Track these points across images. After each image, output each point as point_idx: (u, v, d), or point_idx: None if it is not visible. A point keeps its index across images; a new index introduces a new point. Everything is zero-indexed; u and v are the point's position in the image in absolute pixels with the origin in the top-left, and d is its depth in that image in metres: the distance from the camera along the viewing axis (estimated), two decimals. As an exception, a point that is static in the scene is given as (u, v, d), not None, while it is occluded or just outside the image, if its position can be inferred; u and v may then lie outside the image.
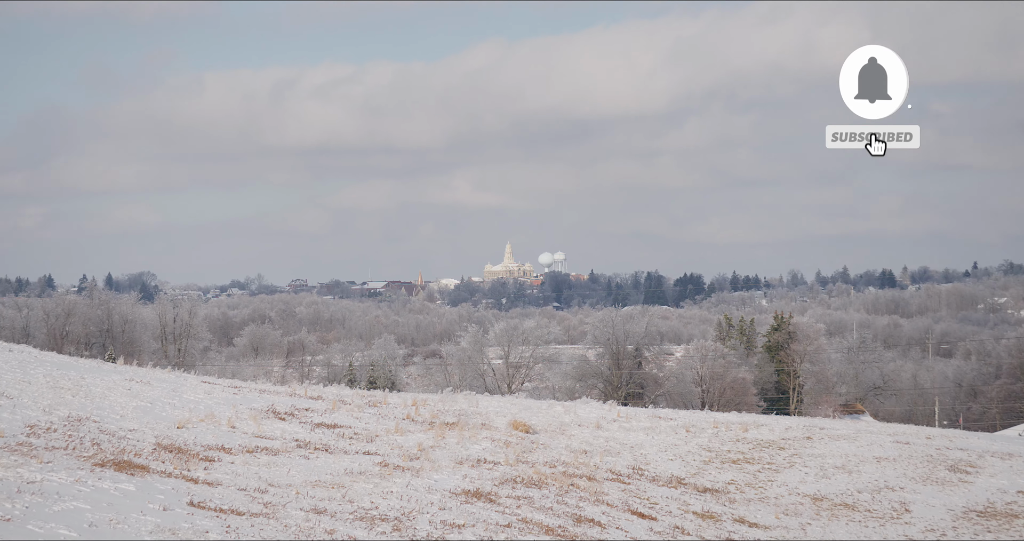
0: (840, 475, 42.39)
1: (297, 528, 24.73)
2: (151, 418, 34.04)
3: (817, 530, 35.69)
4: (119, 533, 21.91)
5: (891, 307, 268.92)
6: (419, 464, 33.90)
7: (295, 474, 30.07)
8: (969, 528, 37.49)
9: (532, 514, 30.07)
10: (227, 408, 37.73)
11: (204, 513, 24.42)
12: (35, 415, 31.28)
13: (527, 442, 40.84)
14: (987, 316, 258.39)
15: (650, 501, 35.39)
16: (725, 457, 43.68)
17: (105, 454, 28.19)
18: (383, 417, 41.66)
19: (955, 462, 45.49)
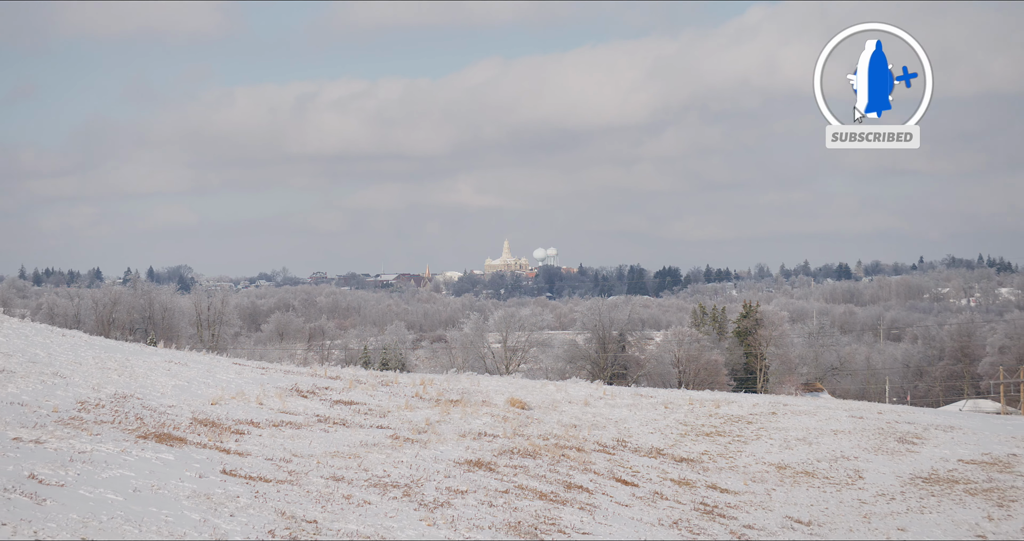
0: (801, 446, 42.50)
1: (318, 493, 24.87)
2: (188, 395, 34.15)
3: (781, 495, 35.81)
4: (160, 497, 22.04)
5: (847, 297, 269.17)
6: (426, 437, 34.01)
7: (316, 445, 30.19)
8: (915, 492, 37.61)
9: (527, 481, 30.19)
10: (255, 387, 37.84)
11: (235, 480, 24.55)
12: (85, 392, 31.39)
13: (523, 417, 40.94)
14: (932, 305, 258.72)
15: (632, 470, 35.50)
16: (699, 430, 43.78)
17: (147, 427, 28.31)
18: (394, 395, 41.76)
19: (903, 434, 45.59)
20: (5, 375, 31.53)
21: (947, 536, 33.17)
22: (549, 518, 26.80)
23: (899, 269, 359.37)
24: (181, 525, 20.62)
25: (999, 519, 35.55)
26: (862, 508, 35.35)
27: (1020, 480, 40.11)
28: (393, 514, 24.31)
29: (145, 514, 20.82)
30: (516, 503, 27.43)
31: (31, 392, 30.06)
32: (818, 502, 35.44)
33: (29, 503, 20.14)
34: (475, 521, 25.05)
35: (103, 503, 20.96)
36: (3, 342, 36.74)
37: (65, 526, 19.39)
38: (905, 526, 33.79)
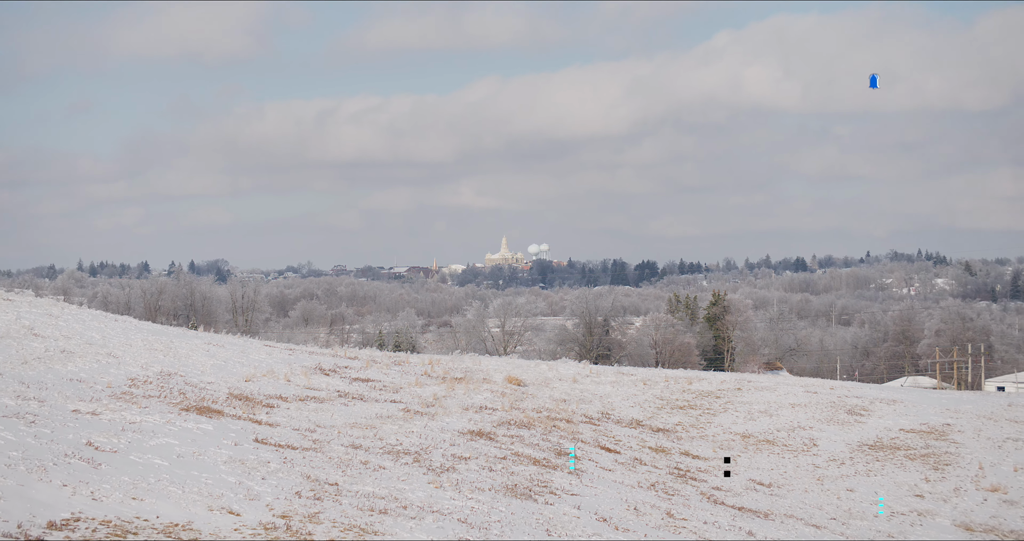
0: (763, 418, 42.57)
1: (339, 459, 24.90)
2: (224, 373, 34.17)
3: (745, 460, 35.88)
4: (200, 462, 22.08)
5: (803, 286, 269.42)
6: (434, 410, 34.05)
7: (337, 417, 30.23)
8: (862, 457, 37.69)
9: (523, 449, 30.23)
10: (284, 366, 37.86)
11: (266, 447, 24.59)
12: (135, 370, 31.43)
13: (519, 393, 40.97)
14: (877, 293, 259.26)
15: (615, 439, 35.55)
16: (674, 404, 43.83)
17: (189, 401, 28.34)
18: (406, 373, 41.79)
19: (852, 407, 45.65)
20: (65, 355, 31.57)
21: (890, 495, 33.24)
22: (542, 481, 26.84)
23: (848, 262, 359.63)
24: (219, 487, 20.67)
25: (935, 480, 35.65)
26: (816, 472, 35.43)
27: (953, 447, 40.19)
28: (405, 478, 24.36)
29: (187, 477, 20.87)
30: (513, 468, 27.47)
31: (88, 370, 30.11)
32: (777, 467, 35.51)
33: (87, 467, 20.19)
34: (477, 484, 25.10)
35: (151, 467, 21.01)
36: (63, 326, 36.76)
37: (118, 487, 19.43)
38: (853, 487, 33.87)
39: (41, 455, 20.31)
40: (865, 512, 31.14)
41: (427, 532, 20.57)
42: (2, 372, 27.75)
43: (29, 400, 24.80)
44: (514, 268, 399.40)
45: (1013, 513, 32.98)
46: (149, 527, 18.01)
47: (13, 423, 22.17)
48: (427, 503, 22.53)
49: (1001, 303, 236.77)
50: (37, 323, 36.38)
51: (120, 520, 18.03)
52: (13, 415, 22.89)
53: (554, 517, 23.43)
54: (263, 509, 19.98)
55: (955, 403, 49.77)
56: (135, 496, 19.23)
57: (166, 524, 18.31)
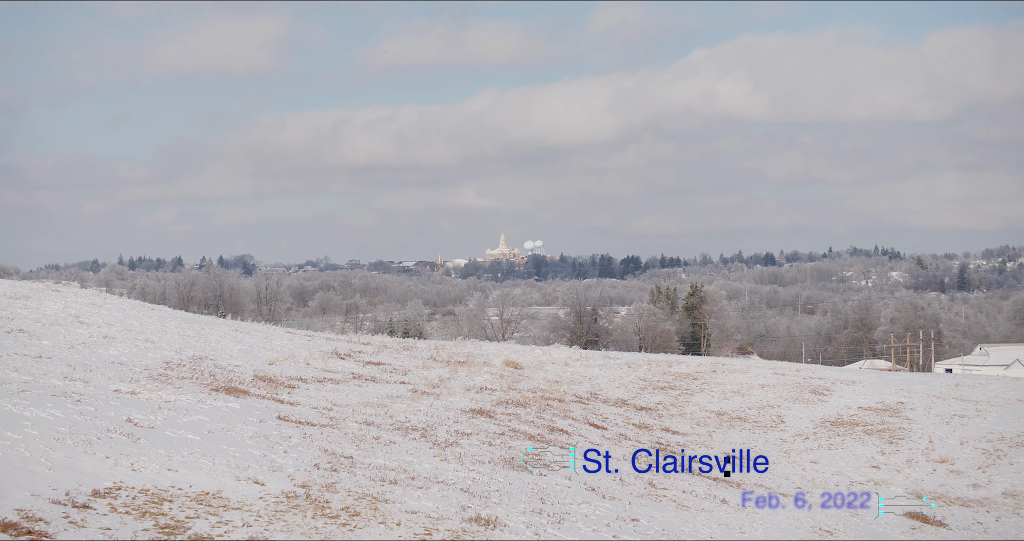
0: (736, 397, 42.64)
1: (353, 435, 24.92)
2: (250, 357, 34.19)
3: (719, 436, 35.93)
4: (229, 437, 22.10)
5: (772, 279, 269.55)
6: (439, 390, 34.08)
7: (351, 397, 30.25)
8: (825, 433, 37.74)
9: (519, 425, 30.26)
10: (303, 350, 37.90)
11: (288, 424, 24.61)
12: (170, 354, 31.44)
13: (516, 375, 41.02)
14: (838, 285, 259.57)
15: (602, 416, 35.58)
16: (655, 385, 43.89)
17: (218, 382, 28.35)
18: (414, 357, 41.83)
19: (816, 387, 45.72)
20: (107, 340, 31.58)
21: (849, 467, 33.28)
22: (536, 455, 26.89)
23: (812, 257, 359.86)
24: (246, 459, 20.69)
25: (889, 453, 35.70)
26: (783, 445, 35.48)
27: (906, 423, 40.25)
28: (413, 451, 24.39)
29: (217, 450, 20.89)
30: (510, 443, 27.49)
31: (128, 354, 30.12)
32: (749, 441, 35.57)
33: (127, 441, 20.20)
34: (478, 457, 25.12)
35: (184, 441, 21.03)
36: (106, 315, 36.77)
37: (155, 459, 19.45)
38: (817, 459, 33.92)
39: (86, 430, 20.35)
40: (827, 482, 31.18)
41: (433, 500, 20.60)
42: (52, 356, 27.77)
43: (75, 381, 24.83)
44: (511, 262, 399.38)
45: (959, 481, 33.06)
46: (183, 495, 18.03)
47: (61, 401, 22.20)
48: (433, 474, 22.56)
49: (949, 293, 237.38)
50: (82, 312, 36.40)
51: (157, 489, 18.06)
52: (61, 394, 22.93)
53: (547, 487, 23.46)
54: (285, 479, 20.01)
55: (908, 384, 49.83)
56: (170, 467, 19.25)
57: (198, 492, 18.33)
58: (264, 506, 18.26)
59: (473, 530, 19.15)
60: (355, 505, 19.16)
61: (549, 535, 19.77)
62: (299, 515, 18.12)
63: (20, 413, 20.57)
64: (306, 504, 18.71)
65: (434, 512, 19.75)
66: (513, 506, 21.17)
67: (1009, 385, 52.82)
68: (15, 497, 16.41)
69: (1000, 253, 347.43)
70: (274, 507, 18.30)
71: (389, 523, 18.55)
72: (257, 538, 16.71)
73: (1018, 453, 36.67)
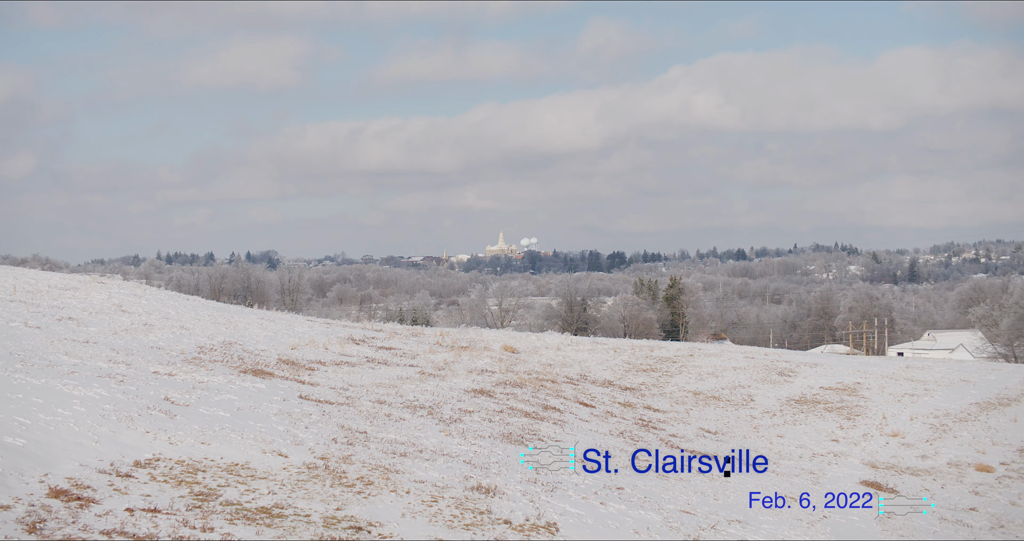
0: (710, 378, 42.67)
1: (367, 412, 24.95)
2: (275, 343, 34.19)
3: (696, 413, 35.96)
4: (256, 414, 22.12)
5: (743, 272, 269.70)
6: (444, 372, 34.10)
7: (365, 378, 30.26)
8: (790, 410, 37.78)
9: (516, 404, 30.29)
10: (322, 337, 37.90)
11: (309, 402, 24.64)
12: (203, 340, 31.44)
13: (513, 358, 41.05)
14: (802, 278, 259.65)
15: (591, 396, 35.61)
16: (638, 367, 43.91)
17: (246, 365, 28.36)
18: (421, 342, 41.84)
19: (782, 369, 45.76)
20: (147, 327, 31.58)
21: (811, 440, 33.32)
22: (531, 429, 26.91)
23: (779, 252, 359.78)
24: (271, 434, 20.73)
25: (847, 428, 35.75)
26: (753, 421, 35.54)
27: (862, 401, 40.29)
28: (420, 427, 24.43)
29: (245, 426, 20.92)
30: (508, 419, 27.54)
31: (165, 339, 30.13)
32: (722, 418, 35.61)
33: (165, 417, 20.23)
34: (479, 432, 25.16)
35: (216, 418, 21.06)
36: (145, 304, 36.77)
37: (190, 433, 19.48)
38: (783, 434, 33.97)
39: (128, 408, 20.38)
40: (792, 454, 31.22)
41: (439, 471, 20.65)
42: (97, 341, 27.78)
43: (119, 363, 24.85)
44: (509, 257, 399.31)
45: (909, 453, 33.13)
46: (215, 466, 18.07)
47: (106, 382, 22.23)
48: (439, 448, 22.60)
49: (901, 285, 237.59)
50: (125, 301, 36.40)
51: (191, 460, 18.09)
52: (106, 375, 22.95)
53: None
54: (306, 452, 20.05)
55: (864, 366, 49.88)
56: (203, 441, 19.28)
57: (229, 463, 18.37)
58: (287, 476, 18.29)
59: (475, 498, 19.19)
60: (369, 475, 19.20)
61: (543, 502, 19.82)
62: (319, 484, 18.16)
63: (70, 392, 20.60)
64: (325, 474, 18.75)
65: (440, 481, 19.79)
66: (511, 476, 21.22)
67: (954, 367, 52.89)
68: (66, 467, 16.45)
69: (946, 249, 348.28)
70: (296, 477, 18.34)
71: (399, 491, 18.59)
72: (281, 504, 16.74)
73: (961, 427, 36.74)
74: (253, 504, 16.50)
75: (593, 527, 18.95)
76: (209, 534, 14.89)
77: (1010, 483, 30.35)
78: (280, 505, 16.66)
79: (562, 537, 18.10)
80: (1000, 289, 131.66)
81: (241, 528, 15.37)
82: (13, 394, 19.58)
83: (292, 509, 16.61)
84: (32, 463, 16.29)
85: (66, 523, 14.36)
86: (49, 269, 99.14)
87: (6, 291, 34.55)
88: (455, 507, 18.35)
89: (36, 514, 14.47)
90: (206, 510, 15.82)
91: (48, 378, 21.40)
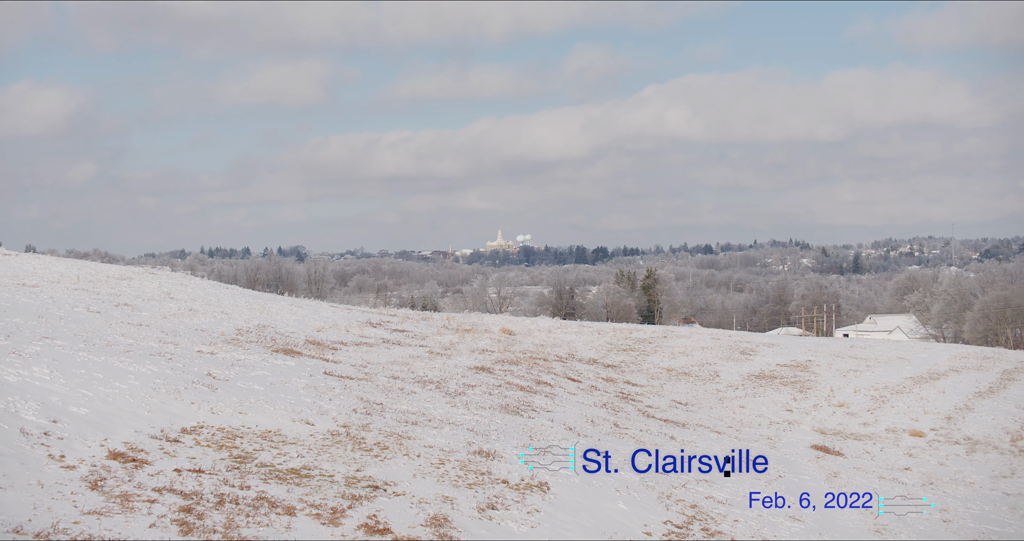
0: (682, 357, 42.69)
1: (383, 386, 24.94)
2: (303, 326, 34.17)
3: (669, 387, 36.00)
4: (286, 388, 22.09)
5: (710, 265, 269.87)
6: (450, 352, 34.09)
7: (381, 357, 30.25)
8: (751, 384, 37.82)
9: (513, 379, 30.30)
10: (344, 320, 37.87)
11: (332, 378, 24.62)
12: (240, 323, 31.40)
13: (510, 340, 41.05)
14: (761, 269, 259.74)
15: (578, 372, 35.62)
16: (619, 347, 43.92)
17: (278, 345, 28.33)
18: (430, 326, 41.83)
19: (744, 349, 45.78)
20: (192, 312, 31.54)
21: (769, 410, 33.37)
22: (526, 401, 26.93)
23: (742, 247, 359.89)
24: (299, 405, 20.72)
25: (800, 400, 35.80)
26: (718, 394, 35.58)
27: (813, 376, 40.33)
28: (429, 399, 24.44)
29: (277, 398, 20.92)
30: (506, 393, 27.54)
31: (207, 323, 30.09)
32: (692, 391, 35.66)
33: (207, 390, 20.22)
34: (480, 403, 25.17)
35: (251, 391, 21.04)
36: (190, 292, 36.70)
37: (229, 405, 19.47)
38: (744, 405, 34.03)
39: (176, 382, 20.37)
40: (752, 422, 31.28)
41: (445, 437, 20.65)
42: (149, 324, 27.75)
43: (168, 344, 24.83)
44: (506, 252, 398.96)
45: (852, 421, 33.20)
46: (251, 433, 18.07)
47: (157, 359, 22.22)
48: (445, 417, 22.61)
49: (846, 276, 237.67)
50: (173, 290, 36.35)
51: (230, 427, 18.09)
52: (157, 354, 22.93)
53: (535, 427, 23.52)
54: (330, 420, 20.05)
55: (814, 345, 49.92)
56: (241, 411, 19.28)
57: (263, 430, 18.37)
58: (313, 441, 18.29)
59: (477, 460, 19.20)
60: (385, 441, 19.21)
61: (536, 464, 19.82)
62: (341, 448, 18.16)
63: (126, 368, 20.58)
64: (346, 440, 18.75)
65: (446, 447, 19.80)
66: (508, 442, 21.23)
67: (891, 346, 52.93)
68: (122, 433, 16.44)
69: (885, 244, 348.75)
70: (321, 442, 18.34)
71: (411, 455, 18.60)
72: (308, 465, 16.75)
73: (897, 398, 36.80)
74: (284, 466, 16.51)
75: (580, 486, 18.97)
76: (246, 491, 14.91)
77: (939, 446, 30.42)
78: (307, 466, 16.67)
79: (553, 494, 18.13)
80: (931, 279, 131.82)
81: (274, 486, 15.38)
82: (77, 370, 19.57)
83: (318, 470, 16.62)
84: (94, 429, 16.29)
85: (123, 481, 14.37)
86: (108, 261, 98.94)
87: (71, 281, 34.51)
88: (459, 469, 18.36)
89: (98, 473, 14.48)
90: (243, 470, 15.83)
91: (107, 356, 21.38)
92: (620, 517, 17.99)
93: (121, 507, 13.40)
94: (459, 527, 15.40)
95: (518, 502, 17.27)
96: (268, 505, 14.50)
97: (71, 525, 12.52)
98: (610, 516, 17.89)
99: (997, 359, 47.29)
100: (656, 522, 18.18)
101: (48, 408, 16.74)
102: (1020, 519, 23.90)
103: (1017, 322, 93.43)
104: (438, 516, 15.60)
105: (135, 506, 13.51)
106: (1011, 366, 44.87)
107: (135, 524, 12.93)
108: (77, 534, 12.24)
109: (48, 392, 17.64)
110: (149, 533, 12.72)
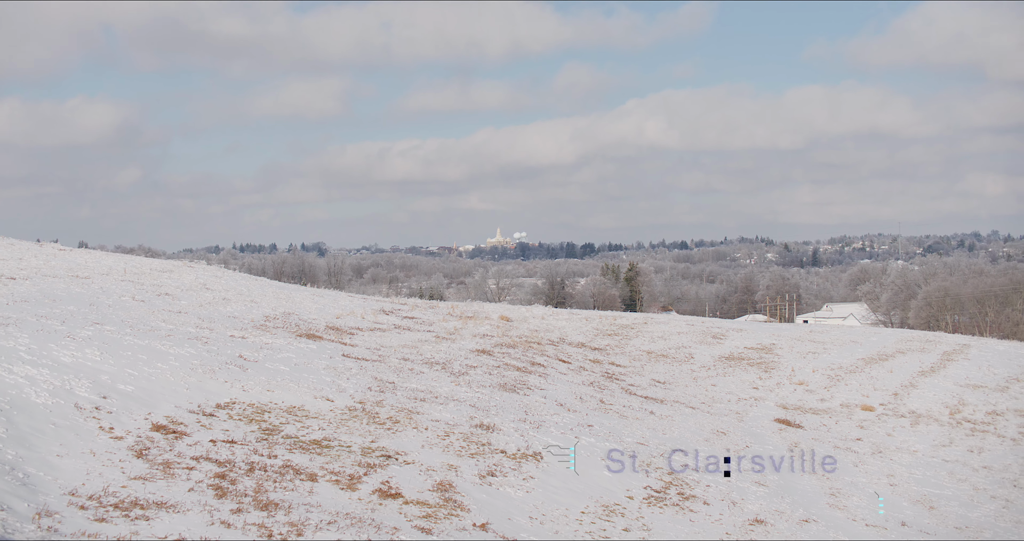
0: (660, 341, 42.71)
1: (395, 367, 24.97)
2: (323, 313, 34.17)
3: (649, 367, 36.02)
4: (309, 369, 22.13)
5: (685, 259, 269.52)
6: (454, 336, 34.11)
7: (393, 341, 30.27)
8: (721, 365, 37.86)
9: (510, 361, 30.34)
10: (360, 308, 37.87)
11: (350, 360, 24.65)
12: (267, 311, 31.40)
13: (508, 326, 41.07)
14: (731, 263, 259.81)
15: (568, 354, 35.65)
16: (605, 332, 43.94)
17: (301, 330, 28.35)
18: (436, 313, 41.83)
19: (716, 334, 45.81)
20: (225, 301, 31.54)
21: (737, 388, 33.42)
22: (521, 381, 26.98)
23: (713, 243, 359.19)
24: (320, 384, 20.76)
25: (765, 379, 35.85)
26: (693, 374, 35.64)
27: (776, 357, 40.37)
28: (436, 379, 24.48)
29: (300, 377, 20.95)
30: (504, 373, 27.59)
31: (239, 311, 30.10)
32: (669, 371, 35.71)
33: (239, 371, 20.25)
34: (481, 382, 25.22)
35: (278, 371, 21.08)
36: (224, 283, 36.69)
37: (258, 383, 19.51)
38: (715, 383, 34.08)
39: (211, 363, 20.40)
40: (722, 398, 31.33)
41: (450, 412, 20.70)
42: (187, 311, 27.76)
43: (203, 329, 24.85)
44: (505, 247, 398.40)
45: (811, 397, 33.28)
46: (277, 408, 18.11)
47: (194, 342, 22.24)
48: (450, 394, 22.66)
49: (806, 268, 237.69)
50: (208, 281, 36.33)
51: (259, 403, 18.14)
52: (194, 338, 22.96)
53: (530, 403, 23.58)
54: (348, 397, 20.09)
55: (778, 330, 49.97)
56: (268, 389, 19.32)
57: (288, 406, 18.41)
58: (333, 416, 18.35)
59: (478, 433, 19.27)
60: (396, 415, 19.26)
61: (531, 436, 19.90)
62: (357, 422, 18.22)
63: (167, 350, 20.61)
64: (362, 414, 18.80)
65: (451, 420, 19.86)
66: (506, 416, 21.30)
67: (846, 331, 52.96)
68: (164, 408, 16.49)
69: (840, 240, 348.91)
70: (340, 416, 18.39)
71: (420, 428, 18.65)
72: (328, 437, 16.80)
73: (851, 377, 36.87)
74: (307, 437, 16.57)
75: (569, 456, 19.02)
76: (273, 460, 14.96)
77: (886, 419, 30.52)
78: (328, 438, 16.73)
79: (546, 463, 18.20)
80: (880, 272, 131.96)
81: (298, 455, 15.43)
82: (124, 352, 19.61)
83: (337, 441, 16.68)
84: (138, 405, 16.33)
85: (165, 450, 14.42)
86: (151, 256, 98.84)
87: (118, 273, 34.49)
88: (463, 440, 18.43)
89: (142, 443, 14.53)
90: (271, 441, 15.88)
91: (150, 340, 21.41)
92: (605, 483, 18.07)
93: (163, 473, 13.46)
94: (462, 492, 15.47)
95: (515, 470, 17.34)
96: (293, 472, 14.56)
97: (119, 488, 12.59)
98: (596, 483, 17.97)
99: (938, 342, 47.37)
100: (637, 487, 18.25)
101: (99, 385, 16.78)
102: (957, 483, 24.03)
103: (955, 309, 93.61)
104: (444, 482, 15.67)
105: (176, 472, 13.57)
106: (950, 348, 44.95)
107: (176, 488, 12.99)
108: (125, 496, 12.30)
109: (98, 371, 17.67)
110: (188, 496, 12.78)
